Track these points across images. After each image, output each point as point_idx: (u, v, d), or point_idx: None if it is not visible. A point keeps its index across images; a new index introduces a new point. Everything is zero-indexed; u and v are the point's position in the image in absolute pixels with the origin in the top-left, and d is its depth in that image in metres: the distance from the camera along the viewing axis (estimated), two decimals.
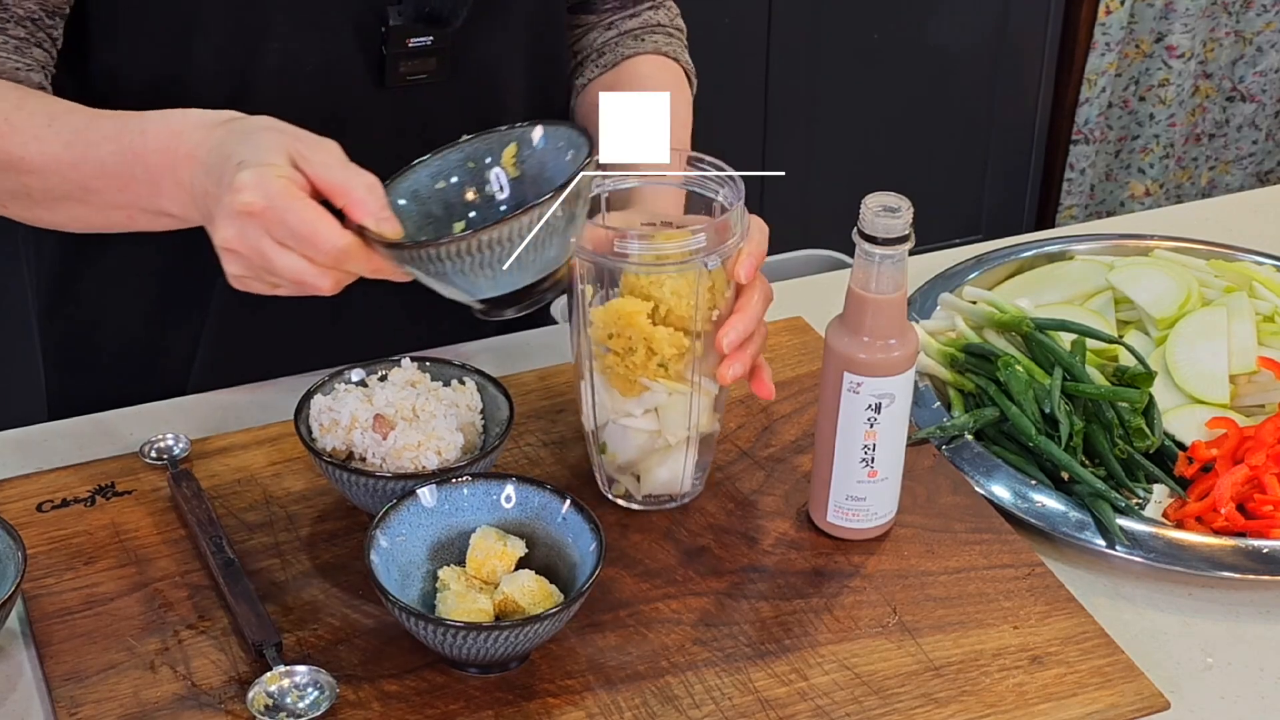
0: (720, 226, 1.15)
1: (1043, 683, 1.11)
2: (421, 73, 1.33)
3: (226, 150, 1.09)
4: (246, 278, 1.09)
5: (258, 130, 1.10)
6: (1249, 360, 1.41)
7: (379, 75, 1.33)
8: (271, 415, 1.36)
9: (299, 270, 1.06)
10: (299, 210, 1.04)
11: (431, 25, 1.31)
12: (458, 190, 1.16)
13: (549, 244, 1.06)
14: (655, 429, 1.20)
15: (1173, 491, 1.30)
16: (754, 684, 1.11)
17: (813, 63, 3.11)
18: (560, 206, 1.05)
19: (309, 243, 1.05)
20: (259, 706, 1.07)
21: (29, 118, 1.20)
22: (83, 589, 1.17)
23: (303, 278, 1.07)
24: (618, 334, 1.16)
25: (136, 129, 1.16)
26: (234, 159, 1.07)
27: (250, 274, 1.09)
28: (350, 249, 1.05)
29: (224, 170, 1.07)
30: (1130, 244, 1.60)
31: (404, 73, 1.33)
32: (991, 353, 1.38)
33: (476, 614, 1.09)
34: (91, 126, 1.19)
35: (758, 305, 1.19)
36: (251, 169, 1.05)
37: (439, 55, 1.33)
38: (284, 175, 1.05)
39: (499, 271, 1.05)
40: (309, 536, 1.22)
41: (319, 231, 1.04)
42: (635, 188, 1.25)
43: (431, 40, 1.32)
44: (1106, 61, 3.29)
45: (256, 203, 1.04)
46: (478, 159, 1.16)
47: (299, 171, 1.07)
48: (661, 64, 1.47)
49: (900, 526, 1.25)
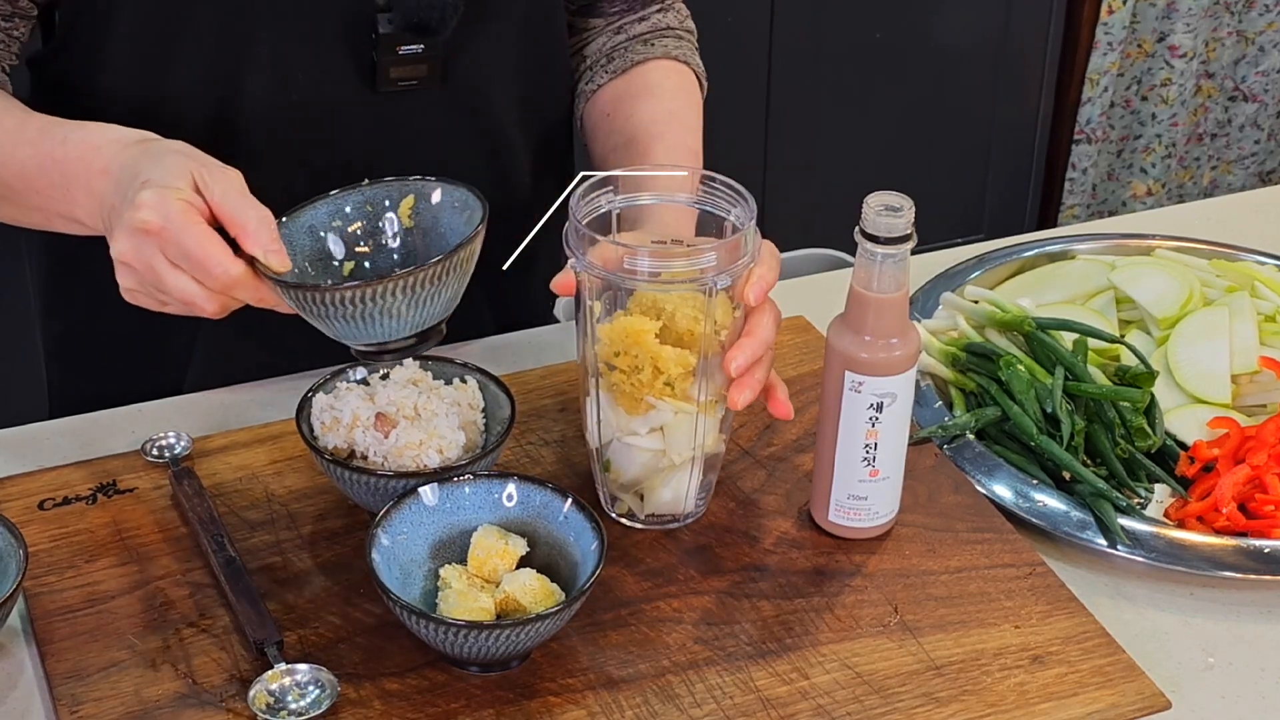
0: (731, 246, 1.15)
1: (1044, 682, 1.11)
2: (413, 79, 1.34)
3: (136, 169, 1.14)
4: (137, 292, 1.15)
5: (166, 153, 1.15)
6: (1250, 360, 1.41)
7: (370, 82, 1.33)
8: (273, 413, 1.36)
9: (188, 291, 1.12)
10: (194, 234, 1.10)
11: (421, 34, 1.31)
12: (351, 231, 1.22)
13: (432, 302, 1.13)
14: (660, 448, 1.20)
15: (1174, 491, 1.30)
16: (755, 683, 1.11)
17: (815, 62, 3.10)
18: (450, 267, 1.12)
19: (200, 266, 1.10)
20: (260, 705, 1.07)
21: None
22: (84, 587, 1.17)
23: (191, 299, 1.12)
24: (624, 352, 1.16)
25: (59, 137, 1.22)
26: (140, 177, 1.12)
27: (140, 289, 1.14)
28: (239, 278, 1.11)
29: (129, 187, 1.13)
30: (1132, 244, 1.59)
31: (395, 79, 1.33)
32: (993, 352, 1.38)
33: (478, 613, 1.09)
34: (19, 129, 1.24)
35: (767, 329, 1.18)
36: (153, 189, 1.11)
37: (430, 62, 1.33)
38: (184, 198, 1.10)
39: (378, 323, 1.12)
40: (310, 535, 1.22)
41: (210, 256, 1.10)
42: (647, 205, 1.25)
43: (422, 48, 1.32)
44: (1109, 61, 3.29)
45: (154, 221, 1.09)
46: (376, 204, 1.22)
47: (200, 196, 1.12)
48: (672, 69, 1.47)
49: (901, 526, 1.25)
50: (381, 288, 1.09)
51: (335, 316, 1.11)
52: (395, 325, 1.13)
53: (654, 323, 1.16)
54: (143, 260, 1.11)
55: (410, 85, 1.33)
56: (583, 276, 1.16)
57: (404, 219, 1.23)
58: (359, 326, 1.12)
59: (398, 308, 1.11)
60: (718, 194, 1.20)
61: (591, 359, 1.18)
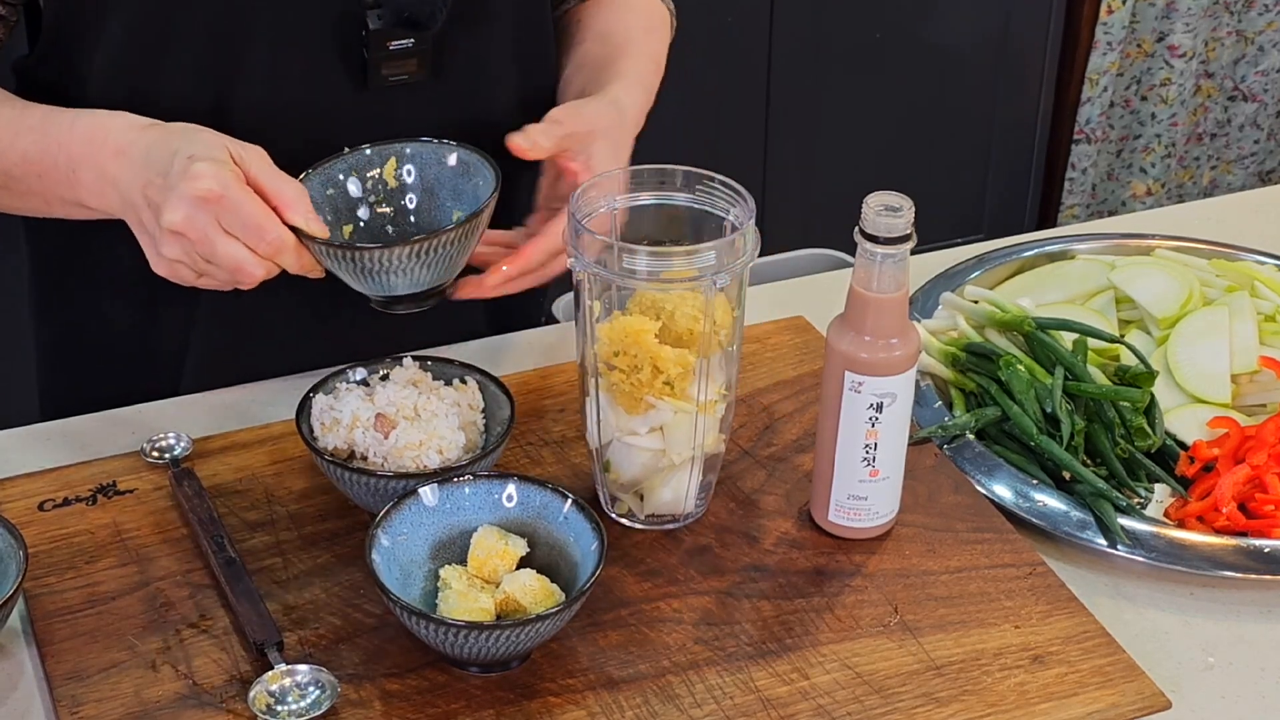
0: (730, 246, 1.15)
1: (1044, 682, 1.11)
2: (403, 74, 1.34)
3: (171, 145, 1.18)
4: (180, 263, 1.19)
5: (198, 131, 1.21)
6: (1250, 360, 1.41)
7: (362, 78, 1.33)
8: (273, 414, 1.36)
9: (240, 258, 1.17)
10: (251, 201, 1.16)
11: (410, 28, 1.31)
12: (344, 197, 1.30)
13: (458, 256, 1.22)
14: (660, 448, 1.20)
15: (1174, 491, 1.30)
16: (755, 683, 1.11)
17: (814, 62, 3.10)
18: (475, 225, 1.21)
19: (255, 232, 1.16)
20: (260, 705, 1.07)
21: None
22: (84, 588, 1.17)
23: (241, 264, 1.17)
24: (624, 351, 1.16)
25: (66, 122, 1.25)
26: (183, 153, 1.17)
27: (186, 260, 1.18)
28: (290, 243, 1.17)
29: (172, 162, 1.17)
30: (1132, 243, 1.59)
31: (386, 75, 1.33)
32: (993, 352, 1.38)
33: (478, 613, 1.09)
34: (20, 117, 1.27)
35: (533, 256, 1.28)
36: (206, 161, 1.16)
37: (420, 57, 1.34)
38: (234, 171, 1.16)
39: (410, 276, 1.20)
40: (310, 535, 1.22)
41: (265, 224, 1.16)
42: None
43: (412, 43, 1.32)
44: (1108, 61, 3.29)
45: (214, 190, 1.14)
46: (360, 169, 1.30)
47: (239, 169, 1.17)
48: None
49: (901, 526, 1.25)
50: (425, 245, 1.18)
51: (375, 271, 1.19)
52: (424, 277, 1.21)
53: (654, 323, 1.16)
54: (198, 229, 1.15)
55: (401, 81, 1.34)
56: (582, 276, 1.16)
57: (389, 179, 1.31)
58: (393, 278, 1.20)
59: (412, 268, 1.20)
60: (716, 193, 1.20)
61: (591, 359, 1.18)
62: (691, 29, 1.56)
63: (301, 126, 1.32)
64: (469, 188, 1.29)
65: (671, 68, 1.49)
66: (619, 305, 1.18)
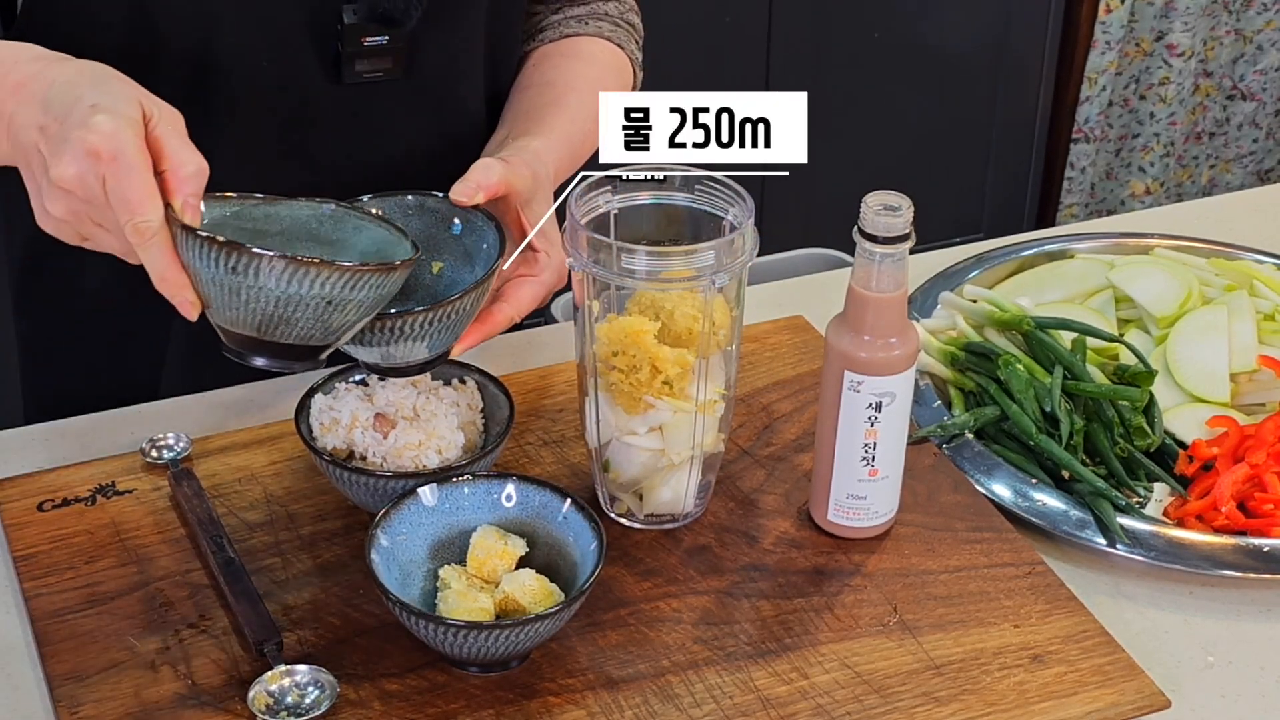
0: (729, 245, 1.15)
1: (1043, 681, 1.11)
2: (378, 71, 1.34)
3: (78, 91, 1.08)
4: (64, 222, 1.08)
5: (110, 78, 1.09)
6: (1249, 359, 1.41)
7: (335, 73, 1.33)
8: (272, 414, 1.36)
9: (108, 241, 1.06)
10: (138, 173, 1.03)
11: (385, 25, 1.31)
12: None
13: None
14: (659, 448, 1.20)
15: (1173, 490, 1.30)
16: (755, 683, 1.11)
17: (813, 61, 3.10)
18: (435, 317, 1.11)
19: (124, 207, 1.03)
20: (260, 706, 1.07)
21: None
22: (83, 588, 1.17)
23: (111, 248, 1.06)
24: (623, 351, 1.16)
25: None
26: (86, 100, 1.06)
27: (71, 218, 1.07)
28: (153, 232, 1.04)
29: (74, 109, 1.05)
30: (1131, 243, 1.59)
31: (360, 71, 1.33)
32: (992, 351, 1.38)
33: (477, 613, 1.09)
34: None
35: (503, 316, 1.20)
36: (109, 114, 1.04)
37: (395, 54, 1.34)
38: (137, 132, 1.05)
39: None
40: (309, 535, 1.22)
41: (138, 202, 1.03)
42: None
43: (387, 39, 1.32)
44: (1107, 60, 3.29)
45: (107, 149, 1.03)
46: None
47: (144, 127, 1.06)
48: (606, 47, 1.48)
49: (901, 525, 1.25)
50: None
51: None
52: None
53: (653, 323, 1.16)
54: (88, 187, 1.04)
55: (375, 77, 1.34)
56: (581, 275, 1.16)
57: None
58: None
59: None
60: (715, 193, 1.20)
61: (590, 359, 1.18)
62: (690, 29, 1.56)
63: (274, 117, 1.32)
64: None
65: (670, 67, 1.49)
66: (618, 305, 1.18)
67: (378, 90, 1.35)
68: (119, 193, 1.03)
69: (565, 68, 1.44)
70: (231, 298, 1.05)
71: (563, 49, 1.47)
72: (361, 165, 1.35)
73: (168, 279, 1.05)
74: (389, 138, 1.38)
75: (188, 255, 1.05)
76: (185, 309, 1.06)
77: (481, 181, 1.19)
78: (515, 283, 1.21)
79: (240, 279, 1.03)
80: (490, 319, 1.19)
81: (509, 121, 1.38)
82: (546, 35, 1.48)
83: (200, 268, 1.05)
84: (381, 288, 1.07)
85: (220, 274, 1.04)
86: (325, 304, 1.05)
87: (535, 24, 1.50)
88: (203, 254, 1.04)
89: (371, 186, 1.23)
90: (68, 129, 1.05)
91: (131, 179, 1.03)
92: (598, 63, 1.46)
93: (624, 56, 1.50)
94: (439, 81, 1.39)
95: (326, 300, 1.05)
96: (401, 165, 1.37)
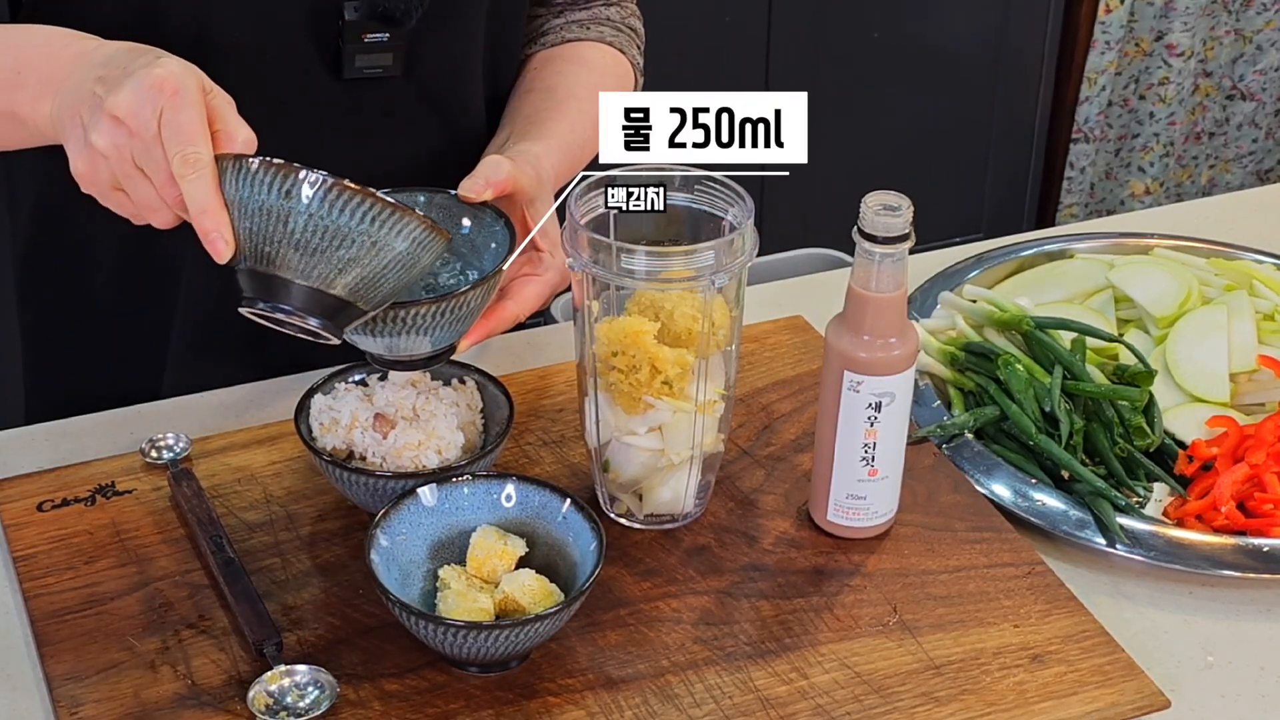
0: (728, 245, 1.15)
1: (1043, 681, 1.11)
2: (378, 68, 1.34)
3: (140, 50, 1.10)
4: (103, 158, 1.08)
5: (172, 55, 1.11)
6: (1249, 359, 1.41)
7: (337, 68, 1.33)
8: (272, 414, 1.36)
9: (148, 192, 1.07)
10: (197, 110, 1.05)
11: (386, 23, 1.31)
12: None
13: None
14: (659, 448, 1.20)
15: (1173, 490, 1.30)
16: (754, 683, 1.11)
17: (813, 61, 3.10)
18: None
19: (178, 137, 1.04)
20: (259, 706, 1.07)
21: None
22: (83, 588, 1.17)
23: (149, 201, 1.07)
24: (622, 351, 1.16)
25: (22, 29, 1.18)
26: (152, 53, 1.09)
27: (113, 153, 1.07)
28: (206, 167, 1.04)
29: (139, 59, 1.08)
30: (1130, 243, 1.60)
31: (360, 67, 1.33)
32: (992, 351, 1.38)
33: (477, 613, 1.09)
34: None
35: (507, 314, 1.20)
36: (176, 61, 1.07)
37: (395, 51, 1.34)
38: (199, 84, 1.07)
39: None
40: (309, 536, 1.22)
41: (197, 136, 1.04)
42: None
43: (387, 37, 1.32)
44: (1106, 60, 3.29)
45: (170, 82, 1.05)
46: None
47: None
48: (606, 52, 1.48)
49: (900, 525, 1.25)
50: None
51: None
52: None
53: (652, 323, 1.16)
54: (142, 120, 1.05)
55: (375, 73, 1.34)
56: (581, 276, 1.16)
57: None
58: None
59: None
60: (715, 193, 1.20)
61: (590, 359, 1.19)
62: (690, 29, 1.56)
63: (274, 114, 1.33)
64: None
65: (669, 67, 1.49)
66: (618, 305, 1.18)
67: (379, 87, 1.35)
68: (175, 124, 1.04)
69: (567, 73, 1.44)
70: (276, 227, 1.04)
71: (564, 54, 1.47)
72: (363, 163, 1.35)
73: (209, 212, 1.05)
74: (390, 136, 1.39)
75: (234, 188, 1.05)
76: (218, 247, 1.06)
77: (490, 177, 1.20)
78: (520, 281, 1.22)
79: (291, 204, 1.03)
80: (495, 316, 1.20)
81: (509, 125, 1.39)
82: (548, 39, 1.48)
83: (249, 196, 1.05)
84: (420, 245, 1.07)
85: (271, 198, 1.04)
86: (370, 244, 1.05)
87: (537, 27, 1.50)
88: (255, 179, 1.04)
89: (373, 184, 1.22)
90: (133, 69, 1.07)
91: (190, 112, 1.04)
92: (599, 68, 1.46)
93: (625, 62, 1.50)
94: (440, 81, 1.39)
95: (371, 241, 1.05)
96: (402, 164, 1.37)
